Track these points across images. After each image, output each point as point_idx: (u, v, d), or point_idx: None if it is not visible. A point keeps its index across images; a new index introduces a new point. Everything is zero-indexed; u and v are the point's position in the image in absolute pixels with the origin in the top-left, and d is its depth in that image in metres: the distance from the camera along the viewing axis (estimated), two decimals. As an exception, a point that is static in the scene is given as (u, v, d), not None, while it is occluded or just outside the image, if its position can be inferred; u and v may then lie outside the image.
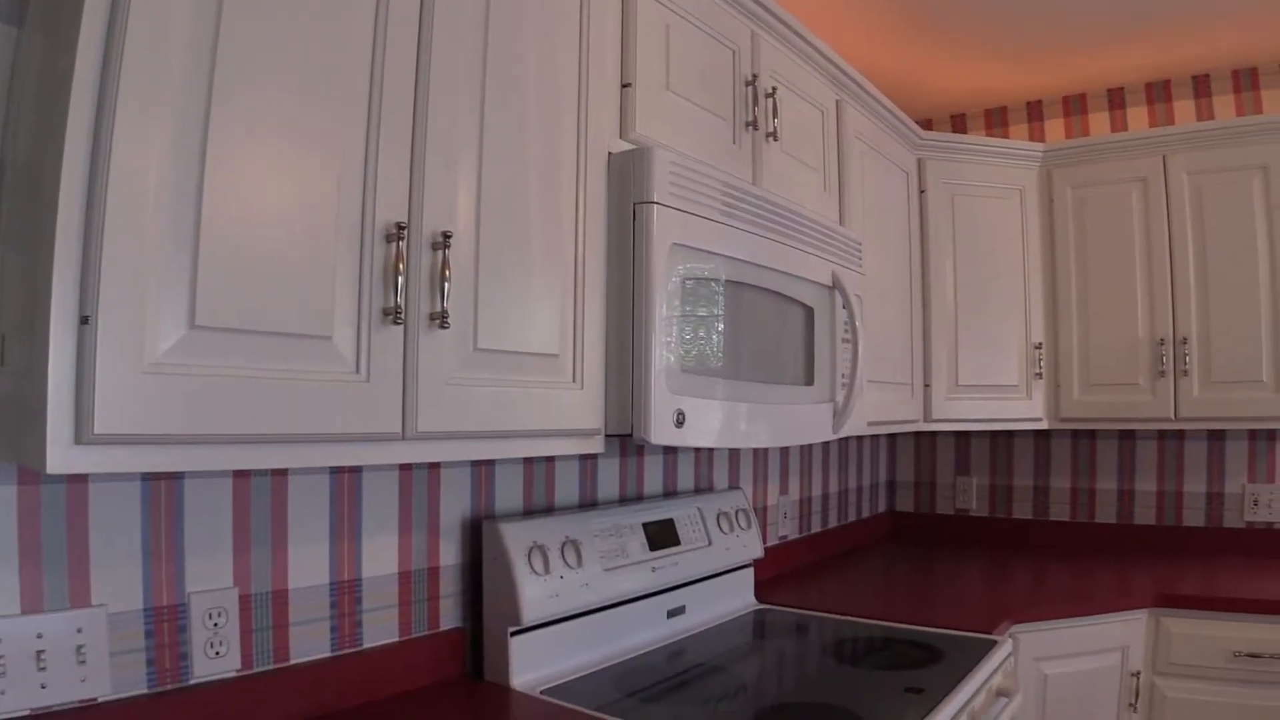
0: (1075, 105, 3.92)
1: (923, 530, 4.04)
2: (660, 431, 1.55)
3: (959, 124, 4.17)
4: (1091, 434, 3.70)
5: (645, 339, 1.56)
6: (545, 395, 1.46)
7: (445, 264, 1.27)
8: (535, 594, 1.81)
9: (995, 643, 2.19)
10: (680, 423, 1.60)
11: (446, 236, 1.28)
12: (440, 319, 1.26)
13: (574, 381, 1.52)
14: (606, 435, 1.61)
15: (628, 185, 1.63)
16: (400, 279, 1.22)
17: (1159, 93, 3.75)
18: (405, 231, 1.24)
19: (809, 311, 2.10)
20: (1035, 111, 4.00)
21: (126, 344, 0.95)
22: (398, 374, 1.22)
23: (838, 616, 2.47)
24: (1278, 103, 3.52)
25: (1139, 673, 2.70)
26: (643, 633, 2.14)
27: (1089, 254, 3.28)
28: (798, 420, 2.02)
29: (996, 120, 4.07)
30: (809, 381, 2.09)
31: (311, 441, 1.14)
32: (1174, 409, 3.12)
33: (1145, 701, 2.72)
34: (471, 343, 1.33)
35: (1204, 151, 3.15)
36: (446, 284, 1.27)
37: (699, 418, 1.66)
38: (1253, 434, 3.43)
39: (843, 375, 2.21)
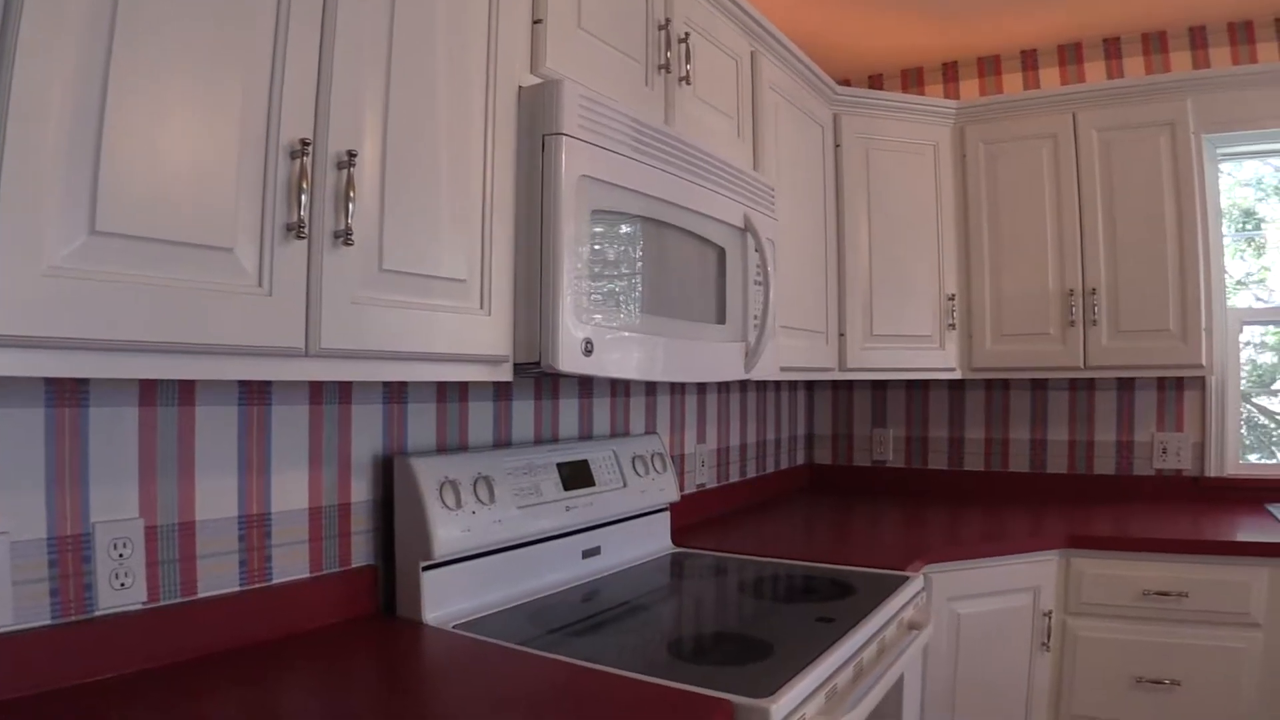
0: (989, 66, 4.02)
1: (841, 481, 4.14)
2: (568, 359, 1.59)
3: (876, 84, 4.26)
4: (1005, 385, 3.83)
5: (554, 268, 1.59)
6: (453, 320, 1.49)
7: (350, 183, 1.30)
8: (447, 529, 1.84)
9: (907, 578, 2.27)
10: (588, 351, 1.64)
11: (351, 155, 1.30)
12: (344, 236, 1.29)
13: (482, 308, 1.56)
14: (516, 364, 1.64)
15: (538, 117, 1.66)
16: (304, 196, 1.24)
17: (1071, 54, 3.87)
18: (310, 148, 1.26)
19: (720, 252, 2.15)
20: (951, 72, 4.09)
21: (25, 246, 0.96)
22: (301, 289, 1.25)
23: (755, 558, 2.54)
24: (1185, 64, 3.65)
25: (1050, 612, 2.82)
26: (558, 572, 2.18)
27: (1001, 208, 3.39)
28: (709, 357, 2.07)
29: (913, 81, 4.16)
30: (721, 320, 2.14)
31: (214, 353, 1.16)
32: (1083, 358, 3.26)
33: (1057, 640, 2.84)
34: (377, 263, 1.36)
35: (1113, 109, 3.26)
36: (351, 203, 1.30)
37: (607, 347, 1.70)
38: (1161, 383, 3.58)
39: (754, 317, 2.27)
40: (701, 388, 3.18)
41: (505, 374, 1.63)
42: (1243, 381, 3.63)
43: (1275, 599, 2.64)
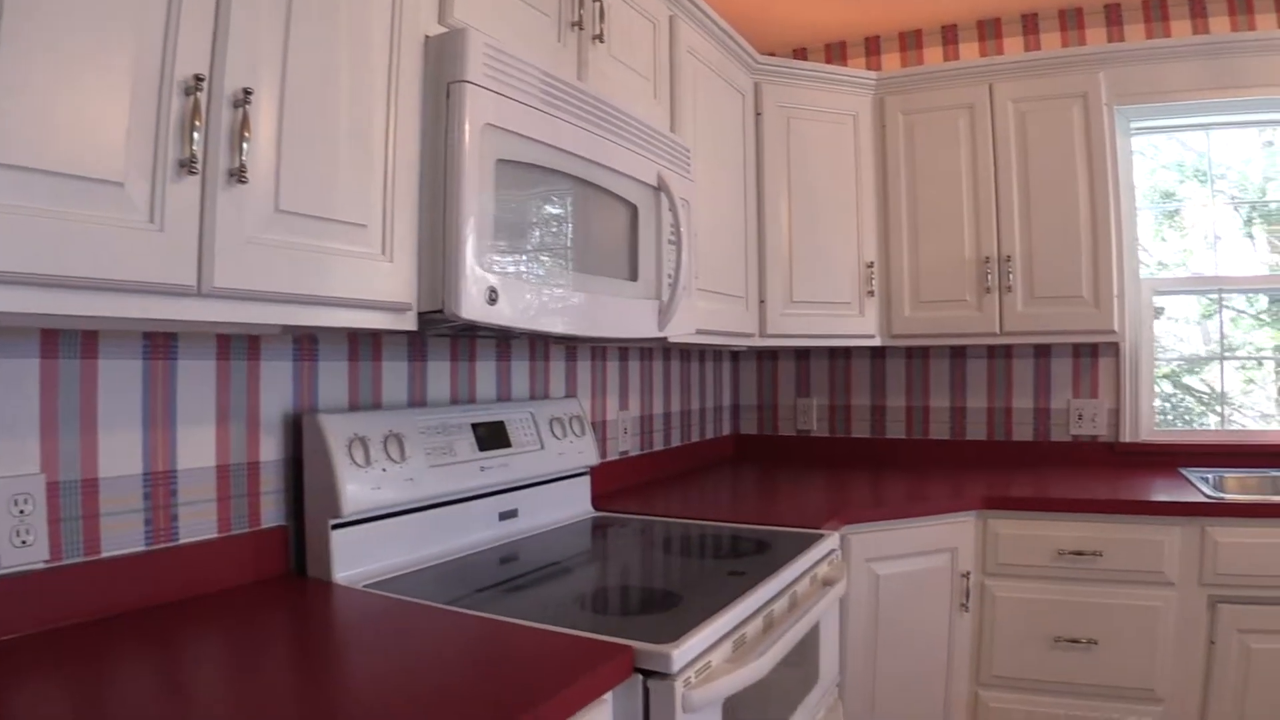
0: (911, 41, 4.08)
1: (765, 451, 4.20)
2: (471, 307, 1.59)
3: (800, 57, 4.30)
4: (925, 353, 3.91)
5: (457, 215, 1.59)
6: (353, 265, 1.48)
7: (245, 121, 1.29)
8: (356, 486, 1.84)
9: (821, 535, 2.31)
10: (493, 300, 1.64)
11: (248, 93, 1.29)
12: (238, 175, 1.28)
13: (384, 254, 1.55)
14: (420, 314, 1.64)
15: (443, 66, 1.66)
16: (196, 133, 1.23)
17: (990, 30, 3.94)
18: (205, 85, 1.24)
19: (633, 209, 2.17)
20: (873, 46, 4.14)
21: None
22: (193, 227, 1.24)
23: (674, 519, 2.57)
24: (1101, 40, 3.74)
25: (969, 573, 2.89)
26: (473, 533, 2.19)
27: (919, 177, 3.45)
28: (620, 313, 2.08)
29: (836, 55, 4.21)
30: (633, 278, 2.15)
31: (104, 289, 1.15)
32: (999, 324, 3.34)
33: (976, 601, 2.91)
34: (273, 203, 1.35)
35: (1028, 81, 3.34)
36: (245, 142, 1.29)
37: (513, 296, 1.71)
38: (1077, 351, 3.68)
39: (668, 276, 2.29)
40: (624, 354, 3.19)
41: (409, 323, 1.63)
42: (1170, 365, 3.73)
43: (1188, 558, 2.73)
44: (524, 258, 1.77)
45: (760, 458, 4.14)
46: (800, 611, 1.89)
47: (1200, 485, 3.00)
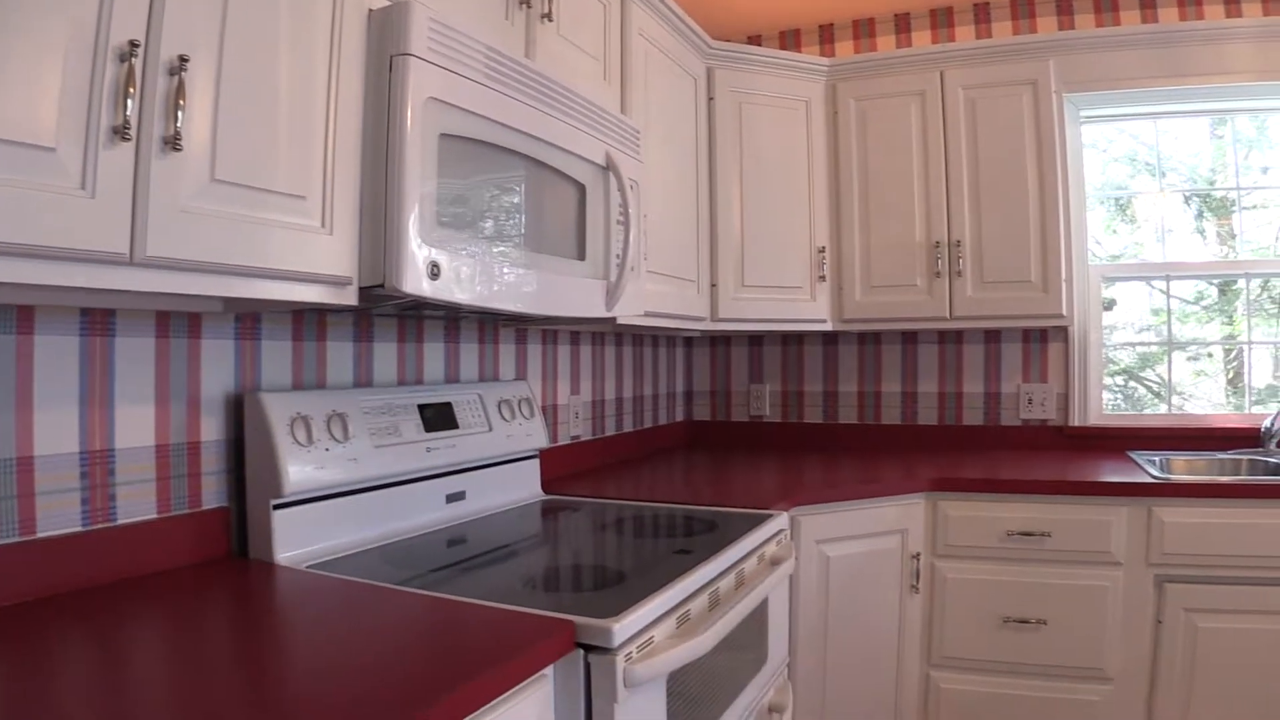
0: (864, 29, 4.11)
1: (719, 436, 4.22)
2: (413, 281, 1.59)
3: (755, 44, 4.32)
4: (876, 338, 3.95)
5: (398, 189, 1.59)
6: (291, 237, 1.47)
7: (181, 89, 1.27)
8: (298, 465, 1.83)
9: (769, 516, 2.33)
10: (435, 274, 1.64)
11: (183, 60, 1.28)
12: (173, 142, 1.26)
13: (323, 226, 1.54)
14: (362, 288, 1.63)
15: (386, 39, 1.65)
16: (130, 100, 1.21)
17: (942, 18, 3.98)
18: (140, 51, 1.23)
19: (581, 189, 2.17)
20: (827, 34, 4.17)
21: None
22: (126, 194, 1.22)
23: (624, 502, 2.58)
24: (1052, 29, 3.80)
25: (919, 555, 2.92)
26: (420, 515, 2.18)
27: (870, 162, 3.48)
28: (567, 292, 2.08)
29: (790, 42, 4.23)
30: (581, 257, 2.16)
31: (34, 257, 1.13)
32: (949, 308, 3.38)
33: (926, 582, 2.95)
34: (208, 171, 1.34)
35: (979, 68, 3.38)
36: (181, 110, 1.27)
37: (456, 271, 1.70)
38: (1026, 336, 3.73)
39: (616, 256, 2.29)
40: (575, 339, 3.19)
41: (350, 297, 1.62)
42: (1121, 358, 3.79)
43: (1135, 538, 2.78)
44: (468, 234, 1.77)
45: (713, 443, 4.16)
46: (746, 589, 1.90)
47: (1147, 467, 3.06)
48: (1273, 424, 3.39)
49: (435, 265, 1.64)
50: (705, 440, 4.23)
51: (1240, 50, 3.29)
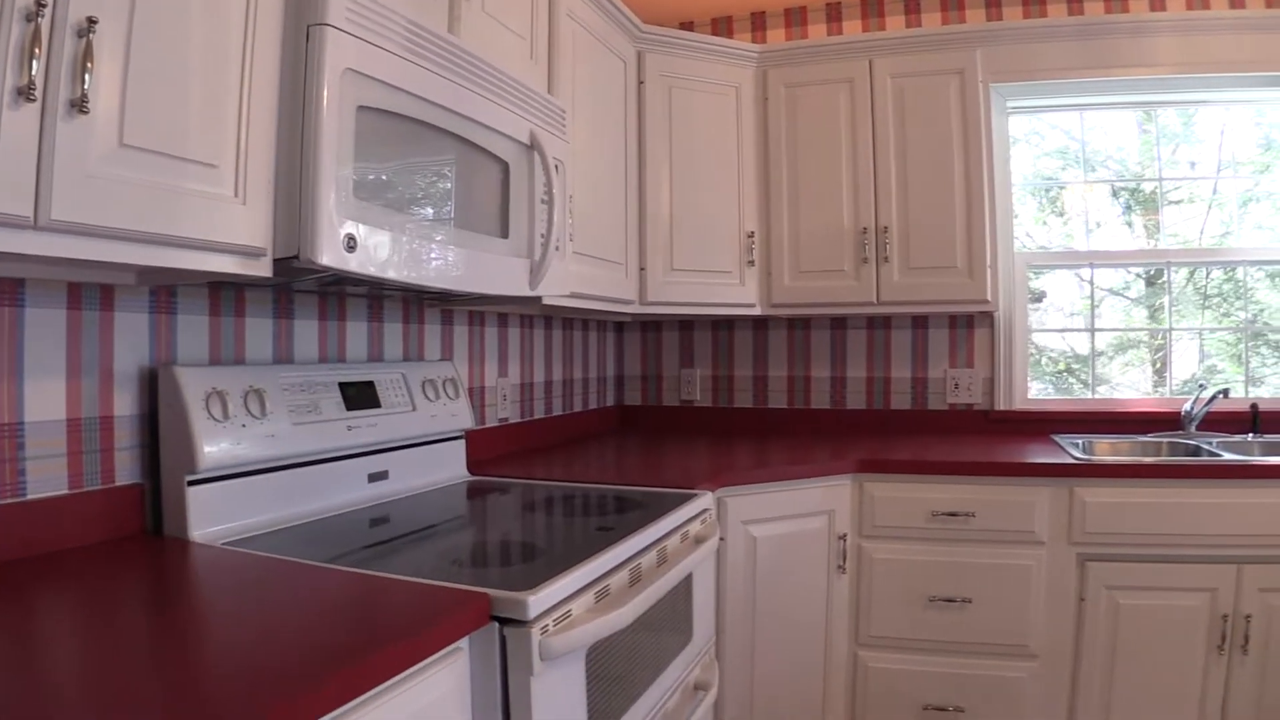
0: (796, 17, 4.16)
1: (649, 421, 4.25)
2: (328, 253, 1.59)
3: (687, 30, 4.33)
4: (806, 324, 4.01)
5: (314, 160, 1.58)
6: (203, 205, 1.46)
7: (89, 51, 1.26)
8: (214, 441, 1.82)
9: (694, 495, 2.35)
10: (351, 247, 1.64)
11: (91, 22, 1.27)
12: (80, 105, 1.25)
13: (236, 196, 1.54)
14: (276, 260, 1.62)
15: (304, 8, 1.64)
16: (36, 61, 1.20)
17: (873, 8, 4.05)
18: (46, 11, 1.22)
19: (505, 166, 2.18)
20: (759, 22, 4.21)
21: None
22: (30, 156, 1.21)
23: (550, 482, 2.59)
24: (980, 20, 3.87)
25: (845, 535, 2.97)
26: (341, 494, 2.17)
27: (799, 149, 3.53)
28: (490, 269, 2.09)
29: (723, 29, 4.27)
30: (504, 235, 2.16)
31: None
32: (876, 293, 3.45)
33: (853, 562, 3.00)
34: (117, 136, 1.33)
35: (907, 57, 3.44)
36: (88, 73, 1.26)
37: (373, 245, 1.70)
38: (953, 322, 3.81)
39: (541, 235, 2.30)
40: (503, 321, 3.19)
41: (264, 269, 1.61)
42: (1058, 346, 3.88)
43: (1057, 518, 2.86)
44: (386, 208, 1.77)
45: (644, 428, 4.19)
46: (669, 566, 1.93)
47: (1070, 449, 3.14)
48: (1192, 408, 3.50)
49: (351, 238, 1.64)
50: (636, 424, 4.26)
51: (1163, 43, 3.39)
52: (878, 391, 3.95)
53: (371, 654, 1.14)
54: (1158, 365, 3.90)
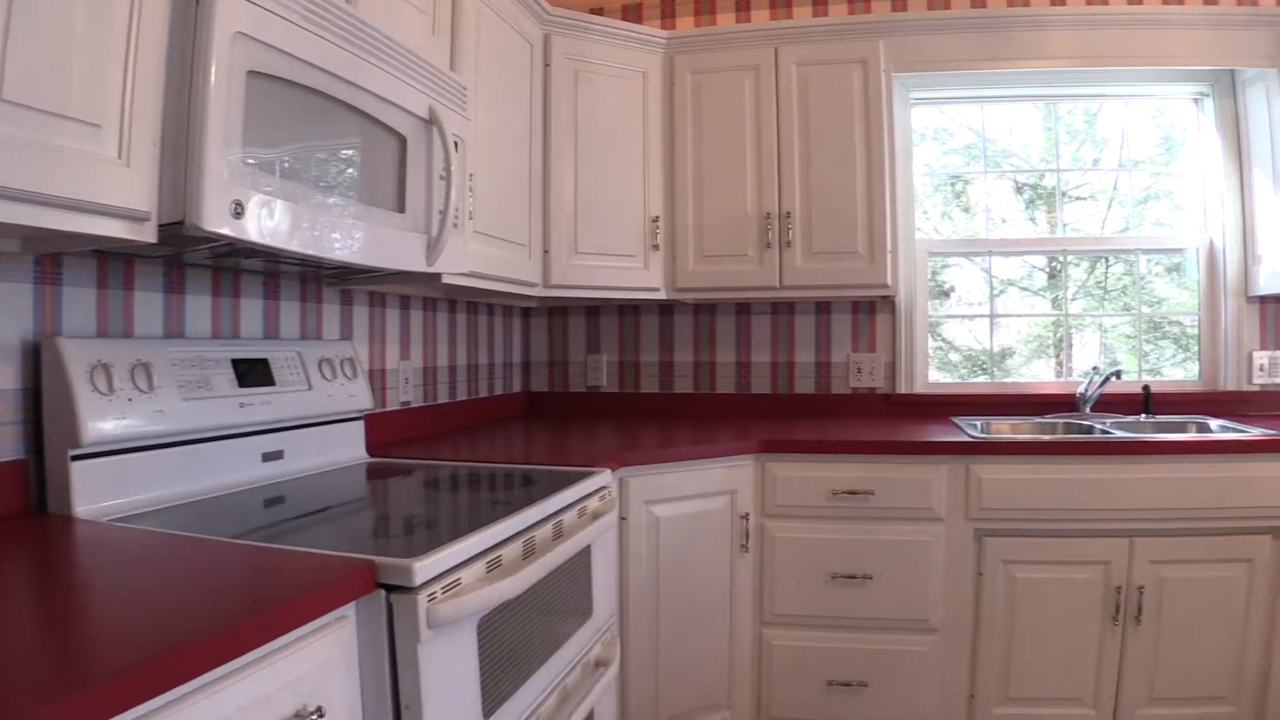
0: (705, 5, 4.20)
1: (556, 407, 4.26)
2: (214, 218, 1.56)
3: (597, 15, 4.34)
4: (711, 309, 4.06)
5: (201, 124, 1.56)
6: (85, 166, 1.43)
7: (-42, 3, 1.24)
8: (98, 415, 1.78)
9: (591, 473, 2.36)
10: (238, 214, 1.61)
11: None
12: (-51, 57, 1.23)
13: (120, 158, 1.50)
14: (161, 225, 1.59)
15: (192, -29, 1.62)
16: (-101, 11, 1.17)
17: (781, -3, 4.09)
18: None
19: (402, 140, 2.16)
20: (669, 8, 4.24)
21: None
22: (-105, 107, 1.18)
23: (450, 462, 2.58)
24: (885, 10, 3.95)
25: (748, 515, 3.01)
26: (234, 473, 2.14)
27: (705, 134, 3.56)
28: (385, 242, 2.07)
29: (633, 15, 4.28)
30: (400, 209, 2.15)
31: None
32: (779, 278, 3.49)
33: (756, 541, 3.05)
34: (-7, 91, 1.30)
35: (812, 45, 3.50)
36: (-41, 25, 1.24)
37: (262, 212, 1.68)
38: (856, 307, 3.90)
39: (439, 211, 2.29)
40: (405, 303, 3.16)
41: (149, 234, 1.58)
42: (959, 337, 3.97)
43: (955, 494, 2.95)
44: (277, 176, 1.74)
45: (551, 413, 4.19)
46: (563, 540, 1.94)
47: (968, 430, 3.23)
48: (1086, 389, 3.62)
49: (239, 204, 1.62)
50: (543, 411, 4.25)
51: (1062, 37, 3.50)
52: (782, 376, 4.01)
53: (249, 618, 1.13)
54: (1061, 357, 4.02)
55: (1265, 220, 3.60)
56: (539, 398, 4.27)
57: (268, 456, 2.25)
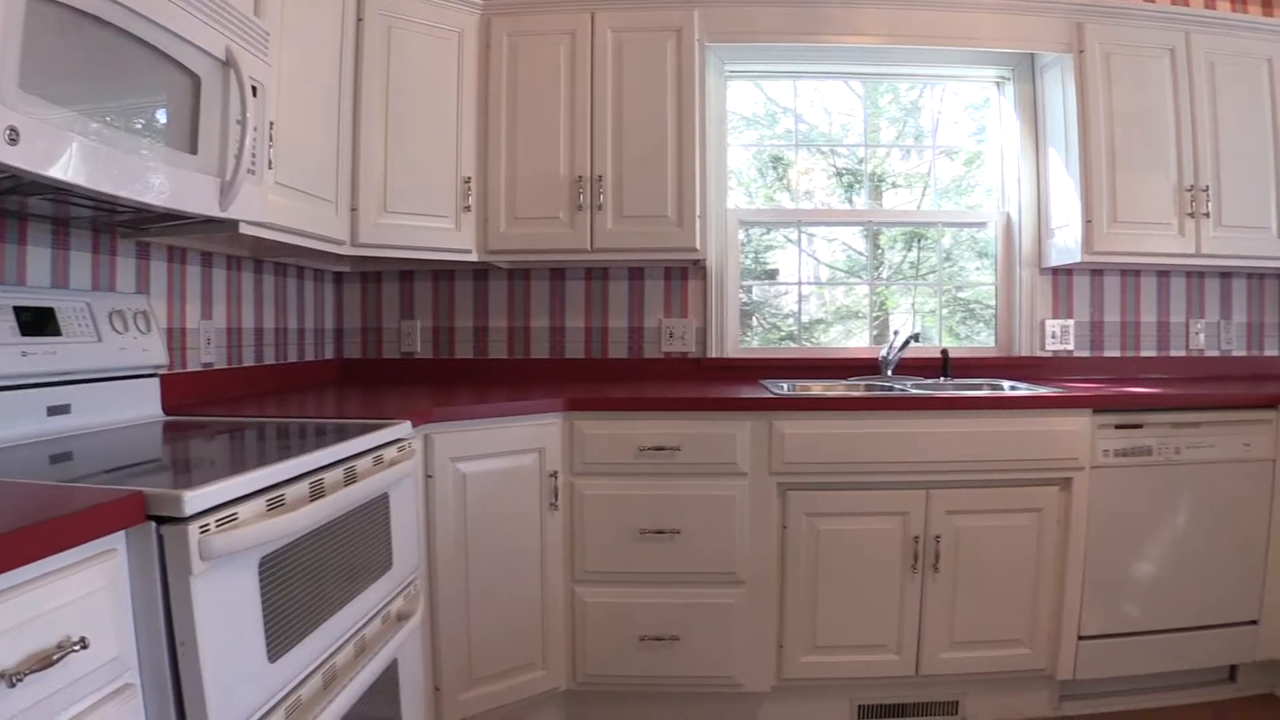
0: (524, -31, 4.18)
1: (370, 373, 4.20)
2: (-15, 141, 1.50)
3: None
4: (525, 274, 4.09)
5: (-31, 45, 1.49)
6: None
7: None
8: None
9: (389, 423, 2.35)
10: (13, 140, 1.54)
11: None
12: None
13: (-126, 76, 1.43)
14: (-74, 151, 1.52)
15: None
16: None
17: (600, -35, 4.11)
18: None
19: (196, 80, 2.09)
20: (488, -28, 4.21)
21: None
22: None
23: (249, 418, 2.53)
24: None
25: (556, 473, 3.05)
26: (16, 427, 2.04)
27: (519, 97, 3.57)
28: (175, 183, 2.00)
29: (451, -22, 4.24)
30: (193, 150, 2.08)
31: None
32: (590, 240, 3.54)
33: (565, 499, 3.09)
34: None
35: (628, 13, 3.56)
36: None
37: (39, 140, 1.60)
38: (668, 273, 3.99)
39: (235, 155, 2.22)
40: (207, 260, 3.06)
41: (-90, 159, 1.50)
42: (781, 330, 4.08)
43: (758, 449, 3.06)
44: (58, 105, 1.66)
45: (364, 380, 4.14)
46: (356, 485, 1.93)
47: (775, 390, 3.34)
48: (887, 353, 3.81)
49: (13, 130, 1.55)
50: (355, 377, 4.18)
51: (873, 14, 3.68)
52: (595, 341, 4.06)
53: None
54: (876, 332, 4.19)
55: (1058, 198, 3.84)
56: (352, 364, 4.19)
57: (54, 410, 2.16)
